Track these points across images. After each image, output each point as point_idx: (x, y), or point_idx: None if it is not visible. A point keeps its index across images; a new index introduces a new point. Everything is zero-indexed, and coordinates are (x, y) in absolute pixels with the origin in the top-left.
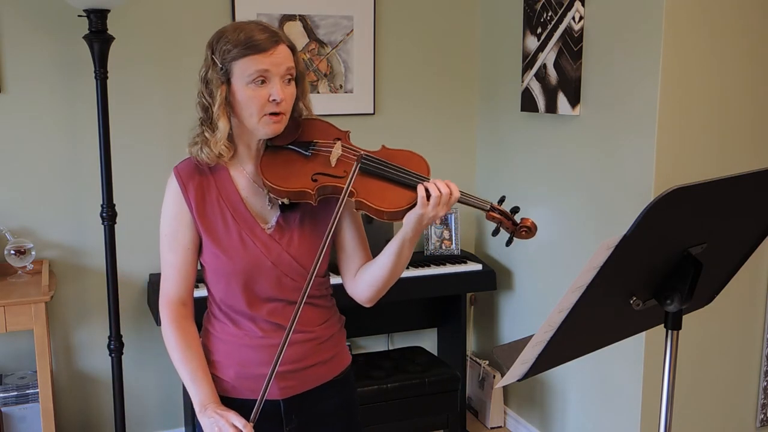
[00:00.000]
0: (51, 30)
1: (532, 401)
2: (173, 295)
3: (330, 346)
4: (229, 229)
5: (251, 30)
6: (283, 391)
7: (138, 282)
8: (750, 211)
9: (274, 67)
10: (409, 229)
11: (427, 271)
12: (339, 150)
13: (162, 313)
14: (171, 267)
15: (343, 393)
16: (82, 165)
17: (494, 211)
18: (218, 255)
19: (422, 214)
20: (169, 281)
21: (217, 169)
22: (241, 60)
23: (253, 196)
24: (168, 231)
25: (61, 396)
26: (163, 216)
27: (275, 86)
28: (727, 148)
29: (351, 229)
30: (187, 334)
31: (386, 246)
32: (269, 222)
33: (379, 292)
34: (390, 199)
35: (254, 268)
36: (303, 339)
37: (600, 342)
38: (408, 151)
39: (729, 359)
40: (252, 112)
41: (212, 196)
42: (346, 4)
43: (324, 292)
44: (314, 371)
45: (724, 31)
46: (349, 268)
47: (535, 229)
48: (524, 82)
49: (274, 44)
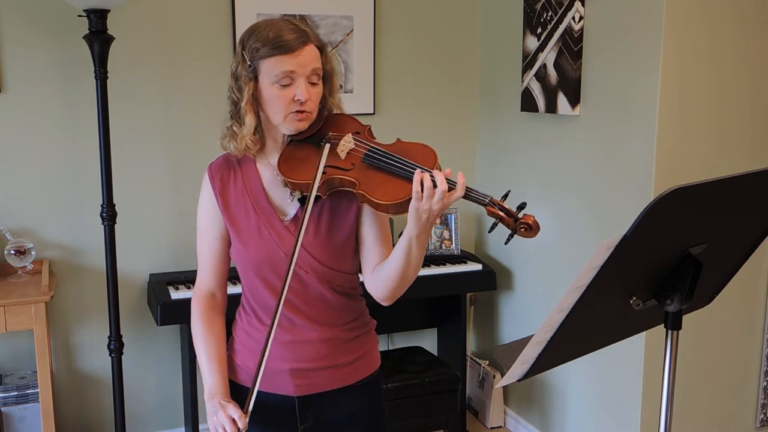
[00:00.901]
0: (51, 30)
1: (532, 401)
2: (203, 287)
3: (353, 349)
4: (249, 220)
5: (280, 29)
6: (298, 389)
7: (138, 282)
8: (750, 211)
9: (299, 68)
10: (412, 225)
11: (427, 271)
12: (350, 143)
13: (192, 304)
14: (202, 259)
15: (367, 398)
16: (82, 165)
17: (494, 205)
18: (238, 245)
19: (417, 208)
20: (200, 273)
21: (245, 162)
22: (268, 59)
23: (275, 189)
24: (200, 226)
25: (61, 396)
26: (198, 213)
27: (300, 87)
28: (727, 148)
29: (371, 223)
30: (212, 324)
31: (396, 244)
32: (288, 214)
33: (393, 291)
34: (389, 192)
35: (268, 259)
36: (320, 338)
37: (600, 342)
38: (420, 144)
39: (729, 359)
40: (277, 111)
41: (238, 187)
42: (346, 4)
43: (349, 290)
44: (333, 372)
45: (724, 31)
46: (368, 263)
47: (537, 228)
48: (524, 82)
49: (302, 45)
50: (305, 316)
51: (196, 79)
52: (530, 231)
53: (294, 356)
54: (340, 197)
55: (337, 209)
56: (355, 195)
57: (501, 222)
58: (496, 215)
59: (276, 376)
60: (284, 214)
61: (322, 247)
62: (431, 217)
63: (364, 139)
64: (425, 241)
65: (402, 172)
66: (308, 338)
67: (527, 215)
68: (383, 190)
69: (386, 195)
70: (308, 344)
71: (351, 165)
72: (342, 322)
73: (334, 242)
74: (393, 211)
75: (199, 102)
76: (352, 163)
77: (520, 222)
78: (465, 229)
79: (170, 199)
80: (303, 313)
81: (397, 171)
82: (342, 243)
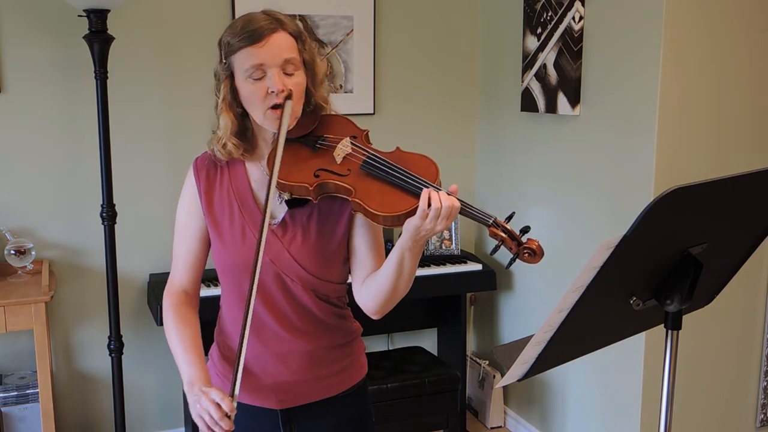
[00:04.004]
0: (51, 30)
1: (532, 401)
2: (176, 283)
3: (337, 358)
4: (233, 222)
5: (250, 20)
6: (281, 402)
7: (138, 282)
8: (750, 210)
9: (269, 59)
10: (407, 238)
11: (427, 271)
12: (347, 148)
13: (163, 300)
14: (177, 255)
15: (354, 407)
16: (82, 165)
17: (497, 227)
18: (219, 248)
19: (419, 226)
20: (174, 270)
21: (233, 162)
22: (237, 54)
23: (263, 190)
24: (179, 220)
25: (61, 396)
26: (178, 206)
27: (273, 78)
28: (727, 148)
29: (364, 233)
30: (185, 317)
31: (388, 256)
32: (276, 217)
33: (382, 305)
34: (387, 204)
35: (252, 263)
36: (303, 350)
37: (600, 342)
38: (421, 155)
39: (729, 359)
40: (255, 107)
41: (223, 187)
42: (346, 4)
43: (334, 300)
44: (316, 385)
45: (724, 31)
46: (358, 274)
47: (541, 254)
48: (524, 82)
49: (270, 32)
50: (289, 324)
51: (196, 79)
52: (534, 257)
53: (276, 370)
54: (331, 202)
55: (328, 215)
56: (350, 203)
57: (503, 245)
58: (499, 237)
59: (258, 389)
60: (272, 217)
61: (311, 254)
62: (430, 234)
63: (361, 144)
64: (419, 254)
65: (403, 185)
66: (291, 350)
67: (531, 240)
68: (380, 200)
69: (383, 206)
70: (291, 356)
71: (347, 171)
72: (326, 333)
73: (323, 250)
74: (389, 224)
75: (199, 102)
76: (348, 169)
77: (523, 247)
78: (465, 229)
79: (170, 199)
80: (286, 322)
81: (398, 183)
82: (332, 251)
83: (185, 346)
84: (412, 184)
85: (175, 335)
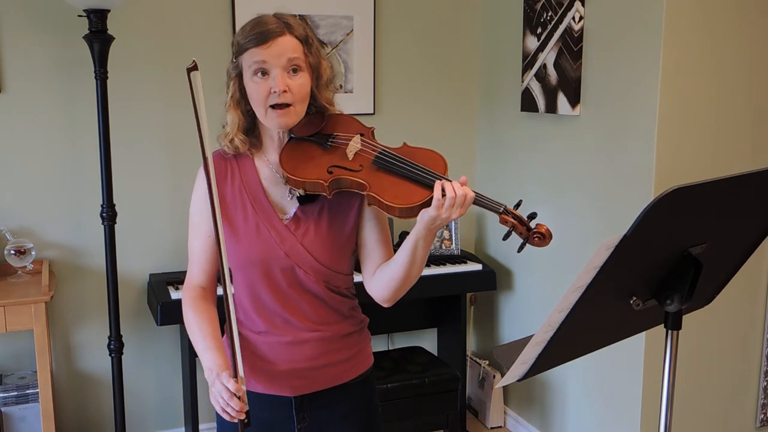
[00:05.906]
0: (51, 30)
1: (532, 401)
2: (193, 280)
3: (346, 347)
4: (247, 218)
5: (259, 22)
6: (295, 389)
7: (138, 282)
8: (750, 211)
9: (272, 58)
10: (422, 228)
11: (427, 271)
12: (358, 144)
13: (182, 297)
14: (193, 253)
15: (361, 396)
16: (82, 165)
17: (508, 214)
18: (234, 244)
19: (435, 216)
20: (190, 266)
21: (243, 159)
22: (245, 54)
23: (274, 187)
24: (193, 218)
25: (61, 396)
26: (191, 204)
27: (276, 78)
28: (726, 148)
29: (372, 225)
30: (202, 310)
31: (401, 245)
32: (288, 213)
33: (395, 293)
34: (402, 196)
35: (268, 258)
36: (317, 338)
37: (600, 342)
38: (429, 149)
39: (729, 359)
40: (258, 105)
41: (235, 184)
42: (346, 4)
43: (344, 291)
44: (327, 371)
45: (723, 32)
46: (369, 265)
47: (550, 237)
48: (524, 82)
49: (277, 35)
50: (302, 316)
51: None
52: (544, 240)
53: (291, 357)
54: (340, 197)
55: (337, 208)
56: (364, 196)
57: (514, 231)
58: (510, 223)
59: (273, 377)
60: (284, 213)
61: (323, 246)
62: (444, 222)
63: (370, 141)
64: (431, 241)
65: (416, 177)
66: (305, 338)
67: (540, 225)
68: (395, 192)
69: (399, 198)
70: (305, 344)
71: (360, 166)
72: (337, 321)
73: (334, 241)
74: (404, 215)
75: None
76: (360, 165)
77: (533, 231)
78: (465, 229)
79: (170, 199)
80: (300, 314)
81: (410, 175)
82: (342, 242)
83: (204, 334)
84: (424, 177)
85: (195, 326)
